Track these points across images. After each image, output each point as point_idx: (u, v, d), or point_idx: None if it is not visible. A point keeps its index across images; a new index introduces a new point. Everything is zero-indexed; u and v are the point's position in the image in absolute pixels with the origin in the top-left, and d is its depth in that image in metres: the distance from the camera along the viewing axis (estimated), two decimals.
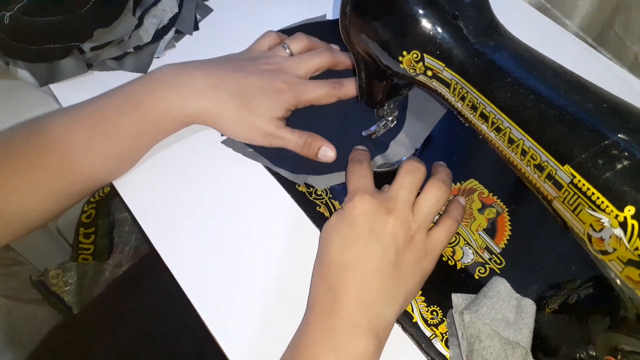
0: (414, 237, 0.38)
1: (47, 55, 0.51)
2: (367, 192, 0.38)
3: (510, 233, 0.44)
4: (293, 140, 0.46)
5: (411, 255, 0.37)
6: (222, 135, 0.49)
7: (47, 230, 0.70)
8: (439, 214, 0.41)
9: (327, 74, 0.51)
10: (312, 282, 0.39)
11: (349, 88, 0.49)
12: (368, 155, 0.45)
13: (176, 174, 0.48)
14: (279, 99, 0.45)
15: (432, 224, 0.40)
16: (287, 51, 0.50)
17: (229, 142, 0.48)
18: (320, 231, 0.44)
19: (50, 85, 0.53)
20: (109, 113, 0.44)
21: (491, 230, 0.44)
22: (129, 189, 0.47)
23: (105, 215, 0.66)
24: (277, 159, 0.47)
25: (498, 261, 0.43)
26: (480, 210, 0.45)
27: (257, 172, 0.48)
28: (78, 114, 0.44)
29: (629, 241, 0.25)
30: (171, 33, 0.55)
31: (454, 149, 0.49)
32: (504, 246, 0.43)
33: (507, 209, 0.45)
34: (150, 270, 0.64)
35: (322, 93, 0.47)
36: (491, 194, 0.46)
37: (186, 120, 0.46)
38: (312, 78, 0.50)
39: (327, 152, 0.47)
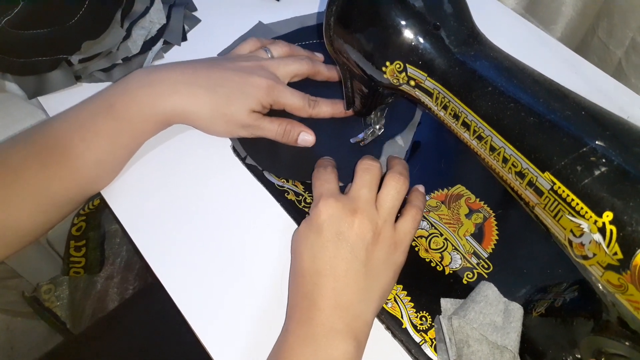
0: (381, 233, 0.38)
1: (36, 68, 0.51)
2: (330, 195, 0.39)
3: (497, 238, 0.45)
4: (273, 129, 0.47)
5: (381, 251, 0.38)
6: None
7: (38, 243, 0.69)
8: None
9: (314, 87, 0.52)
10: (289, 292, 0.39)
11: (322, 109, 0.49)
12: (333, 161, 0.45)
13: (166, 185, 0.48)
14: (255, 93, 0.45)
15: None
16: (268, 54, 0.50)
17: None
18: None
19: (39, 98, 0.53)
20: (85, 117, 0.44)
21: (478, 235, 0.45)
22: (118, 200, 0.47)
23: (95, 228, 0.65)
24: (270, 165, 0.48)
25: (486, 266, 0.43)
26: (468, 216, 0.46)
27: (247, 182, 0.48)
28: (58, 122, 0.44)
29: (607, 246, 0.25)
30: (159, 44, 0.56)
31: (441, 155, 0.50)
32: (491, 251, 0.44)
33: (494, 214, 0.46)
34: (148, 292, 0.65)
35: (297, 103, 0.47)
36: (478, 199, 0.47)
37: (161, 119, 0.45)
38: (292, 86, 0.50)
39: (306, 137, 0.47)
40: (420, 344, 0.40)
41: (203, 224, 0.46)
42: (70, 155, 0.43)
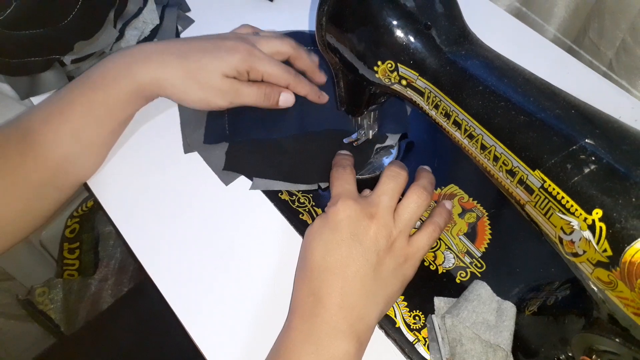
0: (394, 243, 0.38)
1: (28, 68, 0.51)
2: (350, 197, 0.39)
3: (490, 237, 0.45)
4: (252, 93, 0.46)
5: (392, 260, 0.38)
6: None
7: (31, 245, 0.69)
8: (421, 219, 0.42)
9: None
10: (295, 286, 0.39)
11: (300, 83, 0.48)
12: (351, 160, 0.45)
13: (159, 186, 0.48)
14: (229, 58, 0.44)
15: (415, 229, 0.41)
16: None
17: (258, 184, 0.47)
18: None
19: (32, 99, 0.53)
20: (65, 92, 0.45)
21: (471, 234, 0.45)
22: (112, 201, 0.47)
23: (89, 230, 0.65)
24: (288, 177, 0.47)
25: (479, 265, 0.43)
26: (461, 215, 0.46)
27: (241, 182, 0.48)
28: (40, 103, 0.46)
29: (597, 243, 0.25)
30: None
31: (435, 155, 0.50)
32: (484, 250, 0.44)
33: (487, 213, 0.46)
34: (141, 291, 0.64)
35: (277, 71, 0.46)
36: (471, 199, 0.47)
37: (135, 87, 0.45)
38: None
39: (287, 97, 0.47)
40: (414, 343, 0.40)
41: (197, 225, 0.46)
42: (47, 128, 0.43)
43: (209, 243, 0.45)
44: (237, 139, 0.48)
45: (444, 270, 0.43)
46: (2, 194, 0.42)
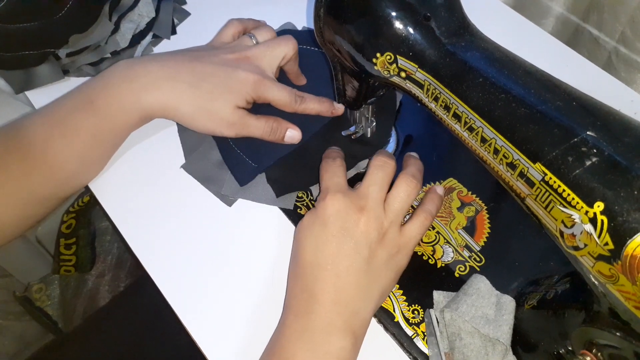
0: (386, 234, 0.38)
1: (23, 62, 0.51)
2: (339, 190, 0.38)
3: (489, 231, 0.45)
4: (260, 127, 0.45)
5: (384, 251, 0.37)
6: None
7: (27, 241, 0.69)
8: (413, 207, 0.41)
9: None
10: (288, 283, 0.39)
11: (309, 106, 0.47)
12: (341, 152, 0.44)
13: (156, 180, 0.47)
14: (240, 89, 0.44)
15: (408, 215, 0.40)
16: (253, 41, 0.48)
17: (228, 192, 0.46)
18: None
19: (27, 93, 0.52)
20: (65, 113, 0.43)
21: (470, 228, 0.45)
22: (108, 196, 0.47)
23: (85, 225, 0.65)
24: (261, 193, 0.46)
25: (478, 259, 0.43)
26: (460, 209, 0.46)
27: None
28: (37, 117, 0.44)
29: (598, 236, 0.25)
30: (148, 38, 0.55)
31: (433, 149, 0.50)
32: (483, 244, 0.44)
33: (486, 207, 0.46)
34: (139, 287, 0.64)
35: (283, 99, 0.46)
36: (470, 192, 0.46)
37: (142, 114, 0.44)
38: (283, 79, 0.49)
39: (293, 134, 0.47)
40: (413, 337, 0.40)
41: (194, 219, 0.45)
42: (50, 151, 0.42)
43: (206, 238, 0.45)
44: (267, 165, 0.47)
45: (443, 264, 0.43)
46: (4, 205, 0.42)
